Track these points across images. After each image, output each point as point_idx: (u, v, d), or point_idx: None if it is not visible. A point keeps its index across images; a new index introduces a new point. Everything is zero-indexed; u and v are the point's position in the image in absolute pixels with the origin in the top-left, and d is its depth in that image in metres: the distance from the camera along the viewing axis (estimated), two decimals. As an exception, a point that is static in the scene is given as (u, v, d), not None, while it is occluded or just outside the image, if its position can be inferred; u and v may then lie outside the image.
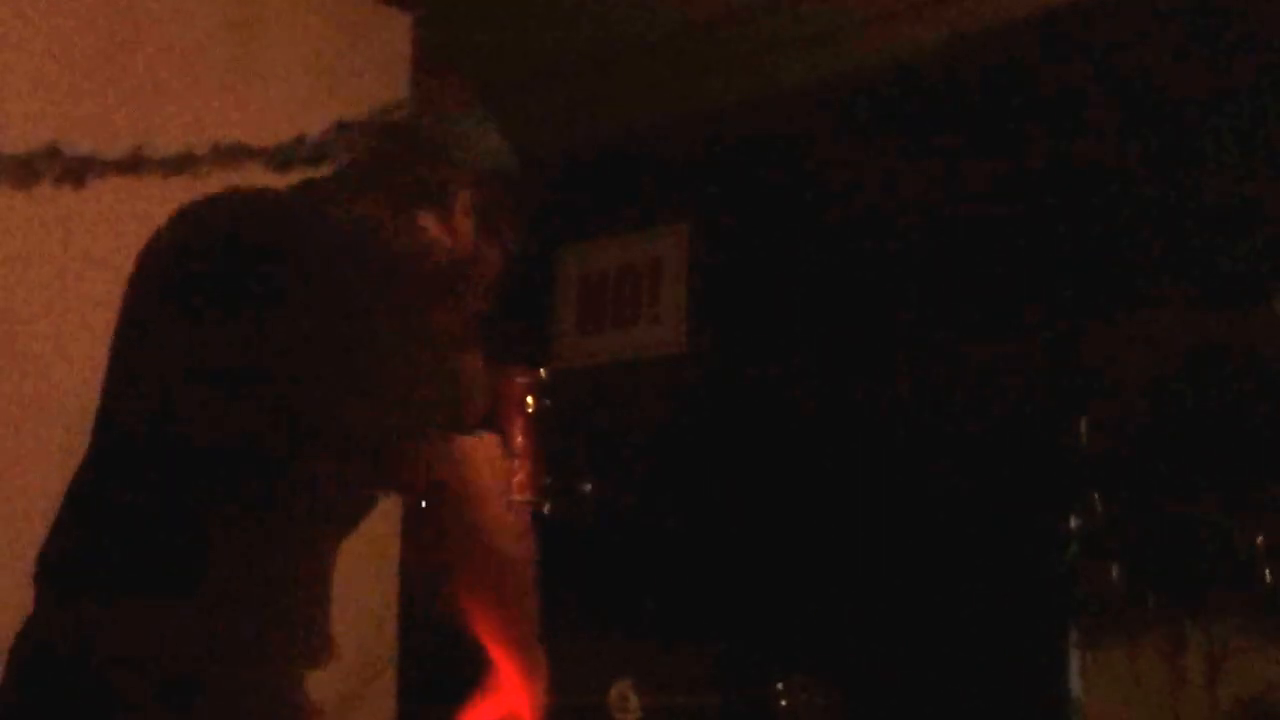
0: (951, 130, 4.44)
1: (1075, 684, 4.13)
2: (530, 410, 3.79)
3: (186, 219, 2.08)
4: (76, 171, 3.31)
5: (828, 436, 4.68)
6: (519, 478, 3.77)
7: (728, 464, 4.90)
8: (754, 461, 4.84)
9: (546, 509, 3.79)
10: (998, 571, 4.20)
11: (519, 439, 3.75)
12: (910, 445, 4.46)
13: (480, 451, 1.98)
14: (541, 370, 3.86)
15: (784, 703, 4.11)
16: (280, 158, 3.31)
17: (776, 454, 4.79)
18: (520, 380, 3.73)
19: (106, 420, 2.01)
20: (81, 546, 1.93)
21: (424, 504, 2.05)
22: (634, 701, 4.10)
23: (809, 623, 4.48)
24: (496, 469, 2.01)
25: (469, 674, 2.20)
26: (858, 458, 4.57)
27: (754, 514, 4.75)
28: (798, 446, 4.76)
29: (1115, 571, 4.01)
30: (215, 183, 3.47)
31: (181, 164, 3.36)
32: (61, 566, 1.93)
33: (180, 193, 2.17)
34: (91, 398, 2.04)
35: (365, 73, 3.99)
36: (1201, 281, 3.99)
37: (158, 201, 2.15)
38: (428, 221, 2.14)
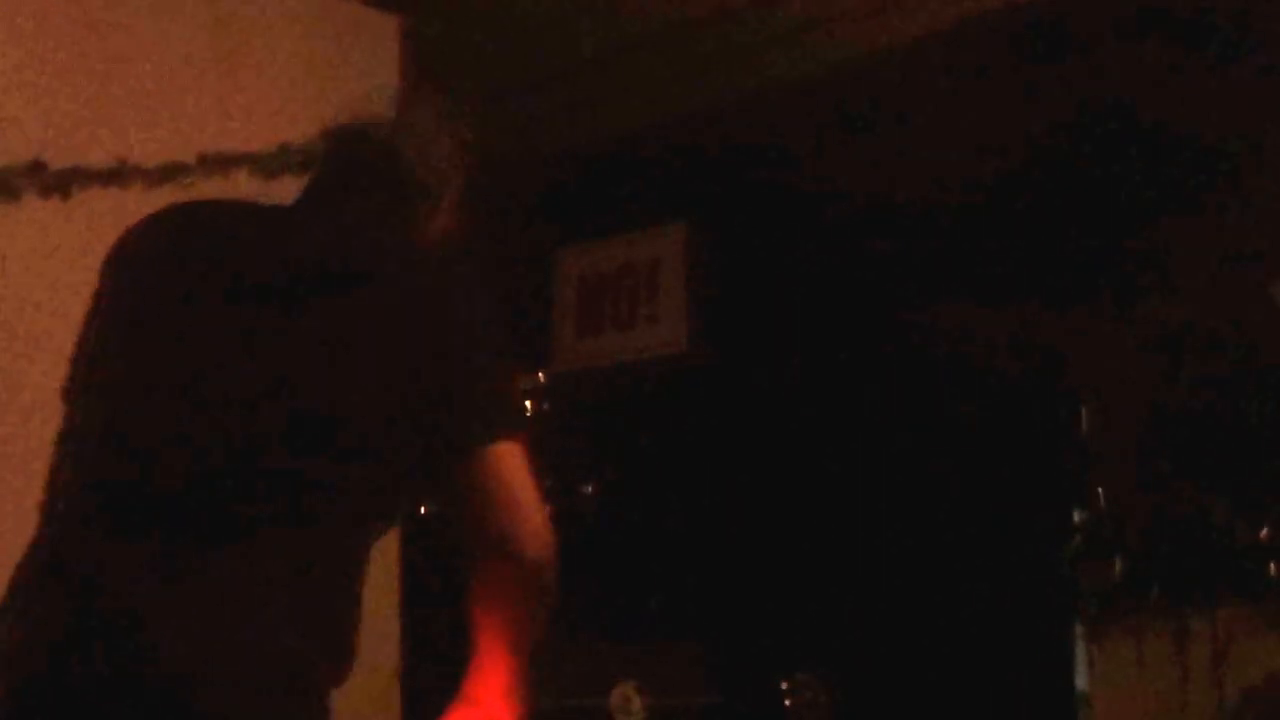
0: (951, 124, 4.42)
1: (1081, 678, 4.11)
2: (536, 416, 3.77)
3: (251, 229, 2.08)
4: (63, 183, 3.29)
5: (828, 434, 4.66)
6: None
7: (728, 463, 4.88)
8: (755, 460, 4.82)
9: (549, 512, 3.77)
10: (1002, 567, 4.18)
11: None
12: (912, 442, 4.44)
13: (511, 455, 1.97)
14: (540, 374, 3.85)
15: (788, 702, 4.10)
16: (268, 165, 3.30)
17: (777, 452, 4.77)
18: (520, 385, 3.71)
19: (125, 422, 1.95)
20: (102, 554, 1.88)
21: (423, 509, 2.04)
22: (637, 703, 4.08)
23: (812, 621, 4.46)
24: (525, 473, 1.99)
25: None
26: (859, 455, 4.55)
27: (755, 513, 4.73)
28: (798, 444, 4.74)
29: (1119, 565, 4.00)
30: (202, 191, 3.47)
31: (168, 173, 3.35)
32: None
33: (168, 202, 2.15)
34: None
35: (354, 76, 3.97)
36: (1200, 273, 3.97)
37: (145, 211, 2.12)
38: (423, 216, 2.16)
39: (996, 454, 4.26)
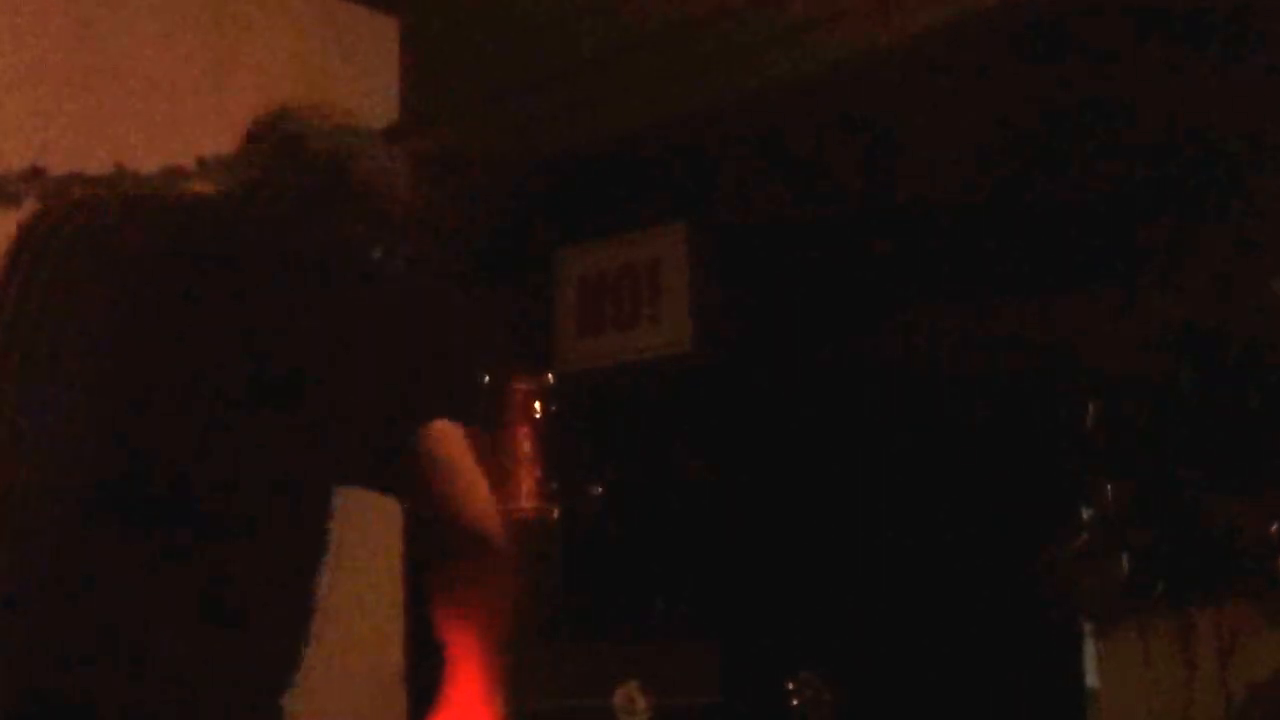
0: (951, 123, 4.41)
1: (1089, 675, 4.10)
2: (536, 415, 3.76)
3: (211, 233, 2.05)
4: (63, 188, 3.28)
5: (831, 433, 4.64)
6: (526, 484, 3.74)
7: (731, 462, 4.87)
8: (758, 459, 4.81)
9: (555, 514, 3.76)
10: (1007, 566, 4.17)
11: (525, 445, 3.72)
12: (916, 440, 4.43)
13: (455, 437, 1.97)
14: (549, 375, 3.83)
15: (794, 701, 4.09)
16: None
17: (780, 451, 4.76)
18: (525, 386, 3.69)
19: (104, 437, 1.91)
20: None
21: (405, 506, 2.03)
22: (641, 703, 4.07)
23: (818, 620, 4.45)
24: (471, 454, 1.99)
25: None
26: (863, 454, 4.54)
27: (759, 512, 4.72)
28: (801, 443, 4.72)
29: (1125, 562, 3.99)
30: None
31: (167, 177, 3.34)
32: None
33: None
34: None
35: (353, 78, 3.96)
36: (1203, 270, 3.96)
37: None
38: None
39: (1001, 452, 4.25)
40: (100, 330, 1.96)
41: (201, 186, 2.41)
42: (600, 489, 4.42)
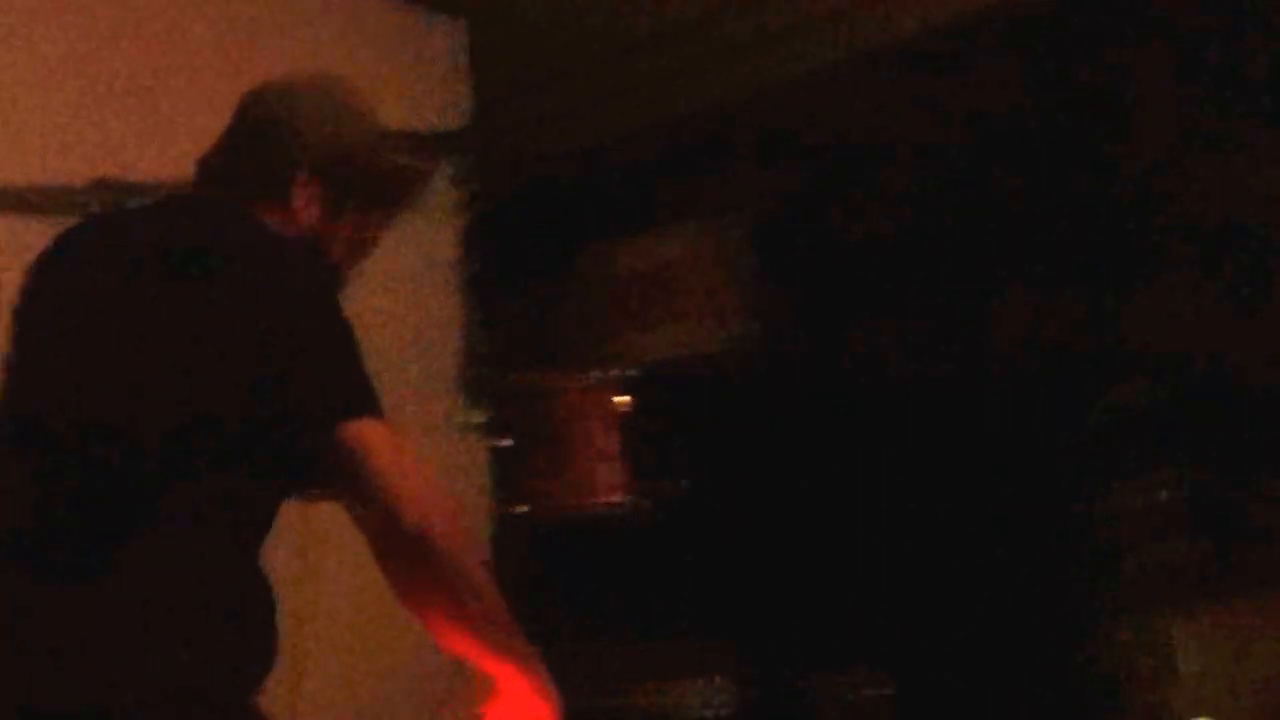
0: (977, 105, 4.38)
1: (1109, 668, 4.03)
2: (617, 411, 3.70)
3: (151, 228, 2.09)
4: (124, 199, 3.31)
5: (868, 426, 4.59)
6: (609, 479, 3.69)
7: (779, 458, 4.81)
8: (804, 455, 4.75)
9: (640, 508, 3.71)
10: (1027, 561, 4.12)
11: (605, 441, 3.66)
12: (959, 430, 4.38)
13: (379, 436, 1.94)
14: (629, 370, 3.77)
15: (849, 697, 4.08)
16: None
17: (818, 444, 4.70)
18: (601, 381, 3.66)
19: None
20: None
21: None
22: (727, 695, 4.03)
23: (876, 615, 4.39)
24: (393, 446, 1.95)
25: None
26: (901, 446, 4.49)
27: (810, 510, 4.66)
28: (837, 436, 4.66)
29: (1140, 557, 3.94)
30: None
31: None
32: None
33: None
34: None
35: (419, 82, 3.97)
36: (1217, 259, 3.95)
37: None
38: (269, 214, 2.13)
39: (1039, 445, 4.20)
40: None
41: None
42: (680, 485, 4.36)
